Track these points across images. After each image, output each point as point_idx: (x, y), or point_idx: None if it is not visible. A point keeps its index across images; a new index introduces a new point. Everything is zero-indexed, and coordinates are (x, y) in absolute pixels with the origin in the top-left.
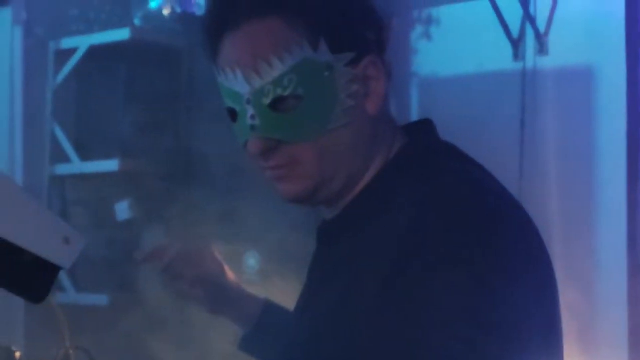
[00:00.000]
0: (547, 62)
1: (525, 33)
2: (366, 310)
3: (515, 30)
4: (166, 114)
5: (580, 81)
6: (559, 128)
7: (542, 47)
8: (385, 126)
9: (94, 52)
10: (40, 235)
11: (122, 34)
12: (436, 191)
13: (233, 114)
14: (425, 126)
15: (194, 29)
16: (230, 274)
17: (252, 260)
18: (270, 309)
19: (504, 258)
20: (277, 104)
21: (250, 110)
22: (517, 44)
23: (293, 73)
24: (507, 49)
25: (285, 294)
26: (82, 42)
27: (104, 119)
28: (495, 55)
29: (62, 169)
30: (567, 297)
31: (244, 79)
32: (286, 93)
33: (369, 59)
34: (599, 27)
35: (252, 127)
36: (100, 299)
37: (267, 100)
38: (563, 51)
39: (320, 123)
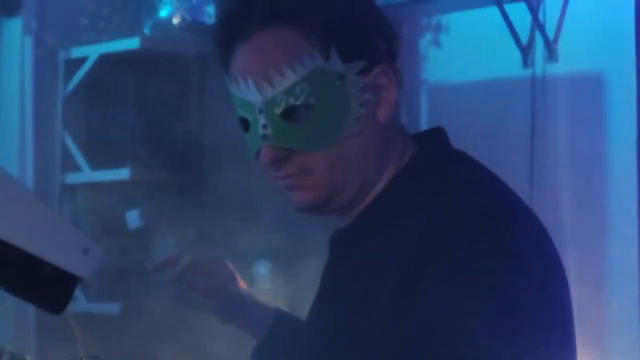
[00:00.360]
0: (557, 69)
1: (535, 40)
2: (380, 317)
3: (524, 37)
4: (177, 123)
5: (590, 88)
6: (569, 135)
7: (551, 54)
8: (397, 135)
9: (104, 61)
10: (59, 246)
11: (132, 43)
12: (449, 199)
13: (245, 124)
14: (437, 134)
15: (205, 37)
16: (242, 284)
17: (263, 269)
18: (282, 318)
19: (518, 264)
20: (288, 113)
21: (262, 120)
22: (526, 51)
23: (304, 82)
24: (517, 56)
25: (297, 302)
26: (92, 51)
27: (114, 128)
28: (505, 63)
29: (73, 178)
30: (579, 303)
31: (255, 88)
32: (298, 102)
33: (380, 67)
34: (609, 33)
35: (264, 137)
36: (111, 308)
37: (278, 110)
38: (573, 58)
39: (332, 132)
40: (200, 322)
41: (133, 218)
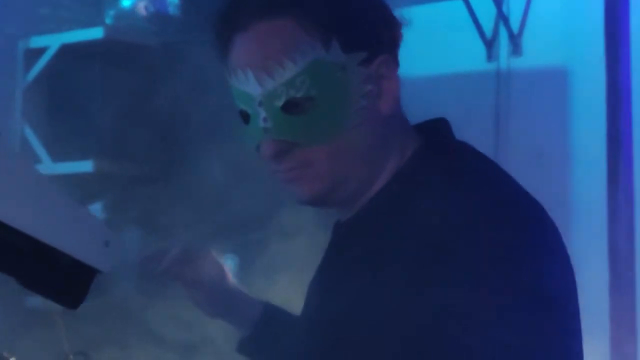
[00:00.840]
0: (521, 63)
1: (499, 34)
2: (393, 308)
3: (488, 30)
4: (142, 114)
5: (554, 82)
6: (533, 130)
7: (515, 48)
8: (399, 126)
9: (66, 51)
10: (79, 238)
11: (95, 33)
12: (462, 190)
13: (245, 116)
14: (441, 125)
15: (169, 28)
16: (230, 276)
17: (230, 262)
18: (270, 311)
19: (533, 254)
20: (289, 105)
21: (263, 113)
22: (490, 44)
23: (305, 74)
24: (481, 49)
25: (265, 296)
26: (53, 41)
27: (77, 119)
28: (469, 56)
29: None
30: None
31: (255, 80)
32: (299, 94)
33: (382, 58)
34: (573, 27)
35: (265, 130)
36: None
37: (279, 102)
38: (537, 52)
39: (334, 124)
40: (166, 315)
41: (95, 212)
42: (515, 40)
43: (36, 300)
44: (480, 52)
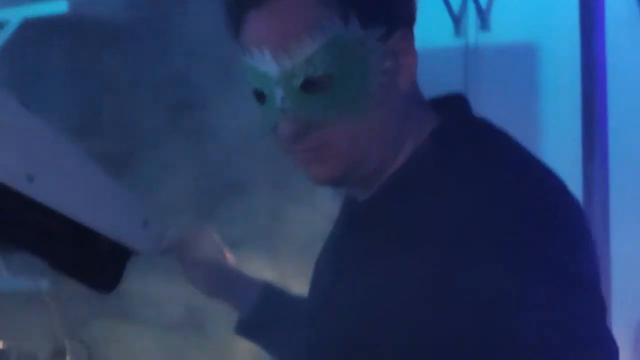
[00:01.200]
0: (490, 39)
1: (467, 9)
2: (423, 289)
3: (456, 5)
4: (109, 92)
5: (523, 58)
6: (502, 106)
7: (484, 23)
8: (416, 102)
9: (29, 27)
10: (118, 218)
11: (59, 7)
12: (485, 168)
13: (260, 97)
14: (460, 101)
15: (137, 2)
16: (229, 257)
17: None
18: (269, 292)
19: (564, 232)
20: (308, 84)
21: (281, 93)
22: (458, 20)
23: (324, 52)
24: (449, 25)
25: None
26: (14, 15)
27: (41, 97)
28: (437, 32)
29: None
30: None
31: (272, 59)
32: (318, 73)
33: (400, 32)
34: (542, 2)
35: (283, 110)
36: (40, 284)
37: (298, 82)
38: (506, 27)
39: (354, 103)
40: (135, 295)
41: None
42: (483, 16)
43: None
44: (448, 28)
